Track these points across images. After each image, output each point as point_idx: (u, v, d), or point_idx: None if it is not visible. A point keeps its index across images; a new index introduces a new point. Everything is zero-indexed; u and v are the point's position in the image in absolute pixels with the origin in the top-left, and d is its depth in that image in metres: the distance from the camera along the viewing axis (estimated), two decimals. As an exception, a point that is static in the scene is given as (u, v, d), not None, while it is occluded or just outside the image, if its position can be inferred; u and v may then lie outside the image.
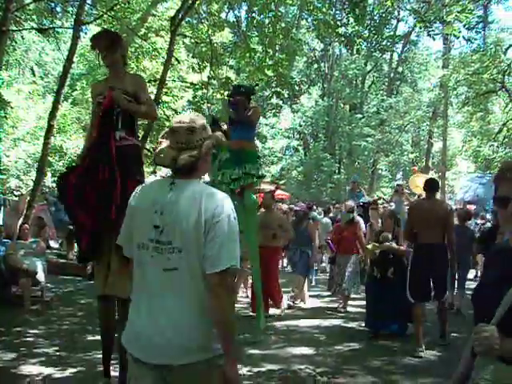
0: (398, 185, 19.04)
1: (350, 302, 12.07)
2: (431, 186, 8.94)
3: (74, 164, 5.94)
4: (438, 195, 11.88)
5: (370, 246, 9.79)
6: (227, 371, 3.03)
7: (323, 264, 18.29)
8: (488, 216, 20.67)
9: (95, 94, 5.99)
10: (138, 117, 6.34)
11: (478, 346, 2.51)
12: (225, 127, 8.85)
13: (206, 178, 8.45)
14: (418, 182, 18.35)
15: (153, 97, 15.90)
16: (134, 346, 3.11)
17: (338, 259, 12.31)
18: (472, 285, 13.87)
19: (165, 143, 3.16)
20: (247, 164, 8.22)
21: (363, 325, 9.93)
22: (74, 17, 16.03)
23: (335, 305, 11.99)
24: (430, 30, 15.14)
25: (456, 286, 11.15)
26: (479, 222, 18.56)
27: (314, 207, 21.95)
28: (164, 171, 21.99)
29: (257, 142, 21.71)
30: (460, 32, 14.93)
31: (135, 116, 6.12)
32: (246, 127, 8.36)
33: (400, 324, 9.36)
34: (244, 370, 7.04)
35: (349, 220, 12.14)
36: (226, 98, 10.18)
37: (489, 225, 17.63)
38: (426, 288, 8.29)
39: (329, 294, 13.62)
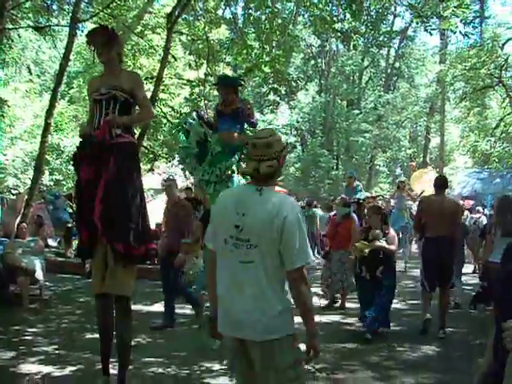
0: (400, 181, 19.24)
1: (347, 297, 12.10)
2: (441, 183, 9.60)
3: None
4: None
5: (358, 245, 9.32)
6: (309, 342, 3.80)
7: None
8: (486, 211, 20.72)
9: (91, 91, 5.92)
10: (138, 124, 6.35)
11: (510, 343, 2.50)
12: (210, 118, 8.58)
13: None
14: (420, 180, 18.73)
15: (150, 94, 15.91)
16: (225, 324, 3.84)
17: (331, 255, 11.99)
18: (471, 280, 13.91)
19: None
20: (240, 152, 7.86)
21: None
22: (71, 15, 16.02)
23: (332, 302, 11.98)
24: (427, 25, 15.10)
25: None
26: (475, 216, 18.48)
27: (315, 203, 21.94)
28: (161, 169, 22.02)
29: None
30: (457, 27, 14.91)
31: (136, 125, 6.20)
32: (233, 119, 7.95)
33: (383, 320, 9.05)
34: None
35: (345, 214, 11.83)
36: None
37: (484, 219, 17.71)
38: (434, 277, 9.16)
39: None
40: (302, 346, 3.92)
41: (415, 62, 45.86)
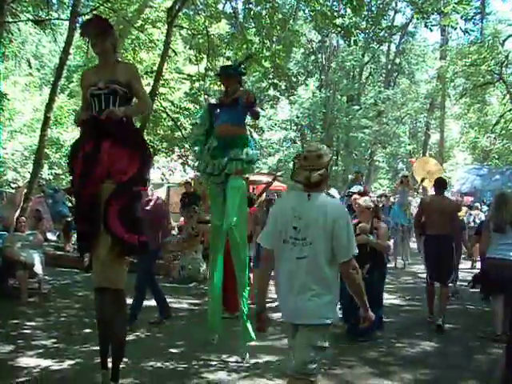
0: (403, 176, 18.80)
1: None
2: (441, 184, 10.19)
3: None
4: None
5: None
6: (366, 315, 4.61)
7: None
8: (484, 207, 20.73)
9: (87, 84, 5.79)
10: (135, 116, 6.34)
11: None
12: None
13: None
14: (422, 168, 18.20)
15: (149, 89, 15.90)
16: (284, 311, 4.67)
17: None
18: (468, 276, 13.93)
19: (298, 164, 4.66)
20: (233, 149, 7.37)
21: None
22: (70, 8, 15.99)
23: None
24: (428, 21, 15.09)
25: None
26: (473, 213, 18.55)
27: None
28: (161, 163, 22.00)
29: (254, 135, 21.61)
30: (457, 24, 14.89)
31: (133, 116, 6.09)
32: (233, 110, 7.46)
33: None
34: (241, 361, 7.07)
35: None
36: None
37: (482, 215, 17.79)
38: (435, 270, 9.70)
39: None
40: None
41: (416, 58, 45.80)
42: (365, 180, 35.00)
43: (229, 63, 17.56)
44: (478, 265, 13.84)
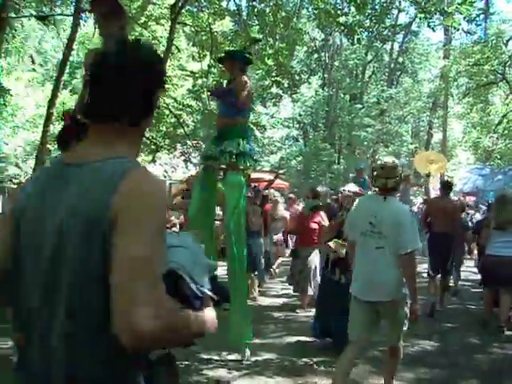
0: (404, 174, 18.13)
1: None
2: (446, 185, 11.15)
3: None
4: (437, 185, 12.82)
5: (332, 244, 7.85)
6: (412, 306, 5.49)
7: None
8: (482, 207, 20.76)
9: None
10: None
11: None
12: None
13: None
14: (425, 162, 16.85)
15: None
16: (360, 291, 5.60)
17: (299, 252, 10.91)
18: (472, 276, 13.91)
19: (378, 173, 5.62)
20: (226, 141, 7.04)
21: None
22: (74, 4, 15.97)
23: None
24: (431, 21, 15.07)
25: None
26: (469, 212, 18.60)
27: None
28: (163, 160, 22.00)
29: (256, 133, 21.51)
30: (460, 24, 14.90)
31: None
32: (229, 100, 7.15)
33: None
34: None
35: (313, 207, 10.86)
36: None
37: (478, 215, 17.93)
38: (438, 264, 10.67)
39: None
40: (300, 337, 3.93)
41: (419, 57, 45.75)
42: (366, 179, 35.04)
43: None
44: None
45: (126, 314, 1.69)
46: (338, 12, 15.94)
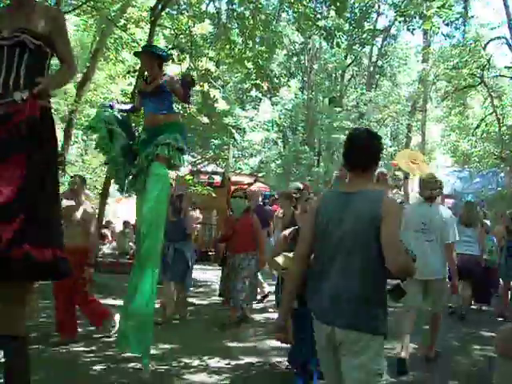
0: (380, 172, 14.27)
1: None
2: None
3: None
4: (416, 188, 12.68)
5: (280, 260, 5.82)
6: (453, 281, 7.83)
7: None
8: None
9: None
10: (58, 88, 5.37)
11: (497, 347, 2.51)
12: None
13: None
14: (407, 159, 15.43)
15: (131, 88, 15.83)
16: (420, 274, 5.64)
17: (229, 260, 9.88)
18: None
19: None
20: (161, 135, 6.41)
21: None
22: (53, 6, 15.89)
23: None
24: (410, 24, 15.17)
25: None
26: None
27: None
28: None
29: (236, 136, 21.47)
30: (439, 28, 14.98)
31: (55, 89, 5.06)
32: (158, 97, 6.66)
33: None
34: (222, 363, 7.06)
35: (245, 210, 9.95)
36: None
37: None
38: None
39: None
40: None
41: (398, 61, 45.97)
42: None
43: (211, 68, 17.53)
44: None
45: (395, 257, 3.57)
46: (318, 16, 15.95)
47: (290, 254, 5.10)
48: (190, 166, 19.63)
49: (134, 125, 7.62)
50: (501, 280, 12.30)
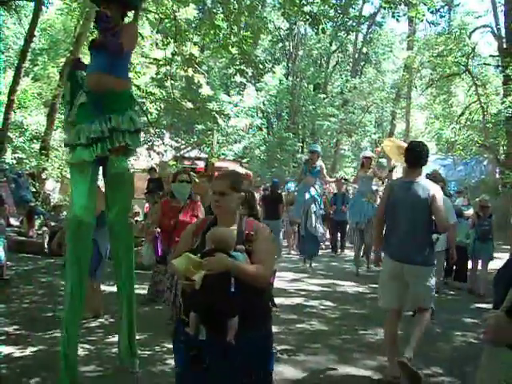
0: (364, 157, 14.64)
1: (309, 280, 12.19)
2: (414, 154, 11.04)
3: None
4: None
5: (179, 261, 3.71)
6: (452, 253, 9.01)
7: None
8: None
9: None
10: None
11: (485, 334, 2.48)
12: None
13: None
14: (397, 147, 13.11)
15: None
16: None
17: (170, 256, 7.73)
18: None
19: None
20: (114, 114, 5.44)
21: (326, 303, 10.04)
22: (36, -10, 15.74)
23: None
24: (395, 11, 15.14)
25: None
26: None
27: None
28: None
29: (220, 121, 21.37)
30: (424, 15, 14.99)
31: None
32: (112, 53, 5.45)
33: None
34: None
35: (189, 195, 8.52)
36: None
37: None
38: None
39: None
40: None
41: (383, 48, 46.04)
42: (330, 168, 35.22)
43: (195, 52, 17.42)
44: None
45: (441, 220, 6.28)
46: (303, 1, 15.87)
47: (195, 257, 3.61)
48: (173, 151, 19.50)
49: None
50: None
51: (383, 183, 14.17)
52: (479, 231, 12.09)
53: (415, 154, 6.54)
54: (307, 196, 13.55)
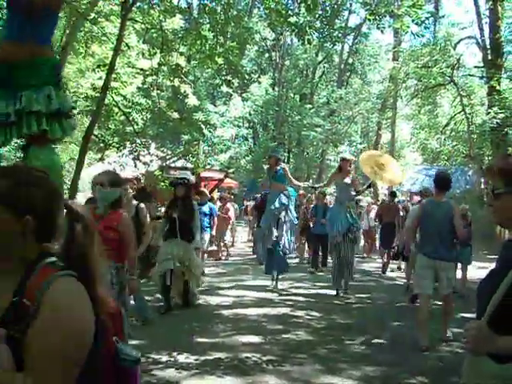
0: (342, 158, 13.05)
1: (294, 291, 12.20)
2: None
3: None
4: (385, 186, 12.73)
5: None
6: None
7: None
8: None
9: None
10: None
11: (467, 344, 2.50)
12: None
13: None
14: (371, 162, 12.74)
15: (101, 82, 15.72)
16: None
17: None
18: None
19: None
20: (28, 91, 3.99)
21: (311, 313, 10.04)
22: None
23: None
24: (380, 23, 15.20)
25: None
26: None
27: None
28: (112, 158, 21.77)
29: (205, 131, 21.34)
30: (408, 27, 15.06)
31: None
32: (28, 12, 3.95)
33: None
34: (191, 359, 7.04)
35: (112, 203, 6.39)
36: None
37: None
38: (388, 242, 16.34)
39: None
40: (249, 336, 3.90)
41: (368, 59, 46.31)
42: (315, 179, 35.27)
43: (182, 63, 17.41)
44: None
45: (460, 231, 8.51)
46: (289, 12, 15.94)
47: None
48: (159, 161, 19.49)
49: None
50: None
51: (358, 193, 13.20)
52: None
53: (444, 182, 8.63)
54: (277, 204, 12.38)
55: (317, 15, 16.43)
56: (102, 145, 20.39)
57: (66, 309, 1.90)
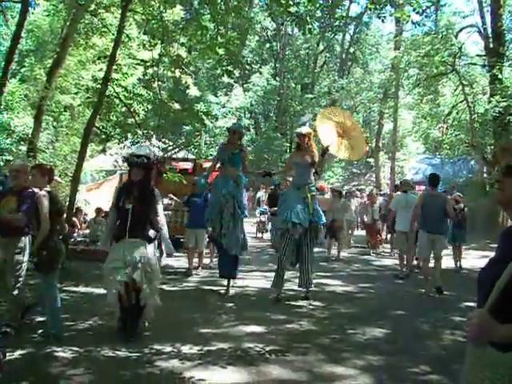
0: (298, 134, 11.08)
1: (296, 281, 12.19)
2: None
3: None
4: (387, 176, 13.28)
5: None
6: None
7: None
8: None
9: None
10: None
11: (469, 333, 2.49)
12: None
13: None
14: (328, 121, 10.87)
15: (102, 74, 15.69)
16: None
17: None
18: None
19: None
20: None
21: (314, 303, 10.05)
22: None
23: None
24: (381, 12, 15.15)
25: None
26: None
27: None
28: (114, 150, 21.76)
29: (207, 122, 21.36)
30: (409, 16, 15.01)
31: None
32: None
33: None
34: (195, 349, 7.04)
35: None
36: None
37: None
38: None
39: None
40: (252, 326, 3.90)
41: (370, 48, 46.17)
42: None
43: (183, 54, 17.39)
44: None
45: (450, 213, 12.01)
46: (290, 1, 15.88)
47: None
48: (161, 152, 19.47)
49: None
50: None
51: (317, 174, 11.46)
52: (455, 220, 14.71)
53: (436, 180, 12.07)
54: (224, 192, 10.39)
55: (317, 4, 16.37)
56: (103, 136, 20.37)
57: None
